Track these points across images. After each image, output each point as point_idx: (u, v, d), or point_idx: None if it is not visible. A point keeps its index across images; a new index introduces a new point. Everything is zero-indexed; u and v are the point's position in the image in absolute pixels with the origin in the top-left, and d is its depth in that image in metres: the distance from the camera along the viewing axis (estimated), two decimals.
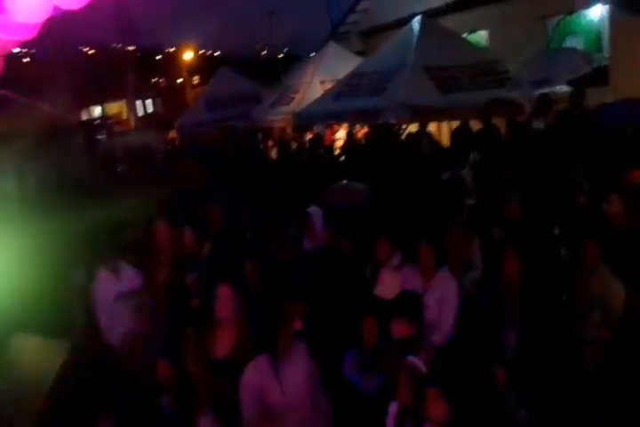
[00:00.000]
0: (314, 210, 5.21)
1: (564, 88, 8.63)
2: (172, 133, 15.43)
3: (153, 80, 40.16)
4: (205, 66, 32.87)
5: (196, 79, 37.12)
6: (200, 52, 38.71)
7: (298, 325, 3.69)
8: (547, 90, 8.27)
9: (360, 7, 15.36)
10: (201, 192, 7.06)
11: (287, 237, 5.09)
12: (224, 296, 3.82)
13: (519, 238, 4.42)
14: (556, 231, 4.92)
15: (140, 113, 32.37)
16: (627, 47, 9.39)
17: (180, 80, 37.22)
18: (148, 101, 34.66)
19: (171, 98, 33.15)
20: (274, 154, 11.00)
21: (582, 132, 6.99)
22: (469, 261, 4.62)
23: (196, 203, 6.34)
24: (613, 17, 9.69)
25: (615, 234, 4.26)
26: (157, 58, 41.41)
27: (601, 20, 10.04)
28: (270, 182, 7.36)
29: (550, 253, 4.61)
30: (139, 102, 33.28)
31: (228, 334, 3.82)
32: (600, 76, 9.62)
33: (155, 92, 36.13)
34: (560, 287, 4.00)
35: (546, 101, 8.04)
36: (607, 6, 9.69)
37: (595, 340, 3.89)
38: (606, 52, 9.99)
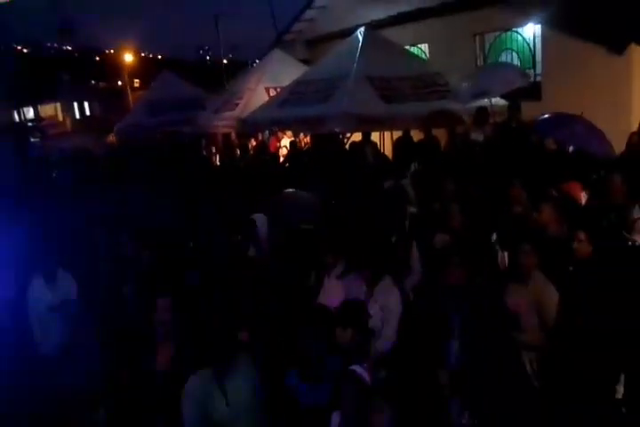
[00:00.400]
0: (258, 217, 5.19)
1: (500, 101, 8.99)
2: (111, 137, 14.99)
3: (92, 82, 39.04)
4: (147, 69, 32.23)
5: (137, 82, 36.28)
6: (142, 55, 37.85)
7: (244, 336, 3.65)
8: (484, 101, 8.60)
9: (305, 16, 15.48)
10: (140, 199, 6.89)
11: (232, 245, 5.04)
12: (164, 308, 3.73)
13: (460, 246, 4.55)
14: (494, 239, 5.09)
15: (78, 115, 31.33)
16: (558, 64, 9.88)
17: (120, 83, 36.31)
18: (86, 104, 33.63)
19: (110, 101, 32.29)
20: (217, 160, 10.87)
21: (519, 143, 7.30)
22: (409, 266, 4.73)
23: (135, 209, 6.19)
24: (545, 35, 10.17)
25: (547, 241, 4.44)
26: (96, 59, 40.30)
27: (534, 37, 10.52)
28: (213, 189, 7.26)
29: (489, 260, 4.76)
30: (76, 104, 32.23)
31: (168, 346, 3.74)
32: (533, 90, 10.07)
33: (93, 95, 35.11)
34: (498, 293, 4.12)
35: (483, 114, 8.36)
36: (540, 25, 10.16)
37: (531, 345, 4.04)
38: (539, 69, 10.45)
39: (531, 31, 10.49)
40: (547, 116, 7.40)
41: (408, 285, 4.58)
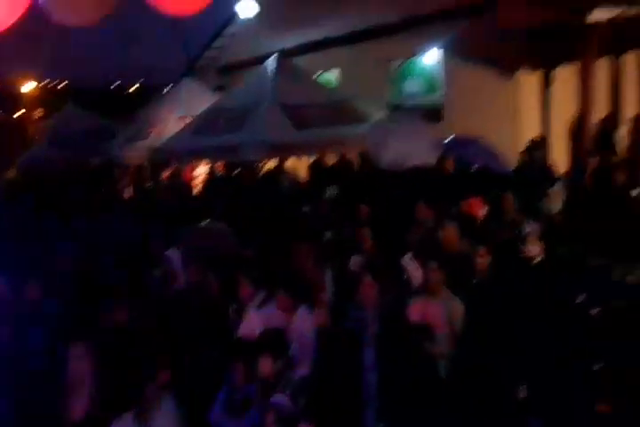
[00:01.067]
0: (171, 253, 5.17)
1: None
2: (11, 174, 14.01)
3: None
4: (50, 98, 30.89)
5: (38, 112, 34.53)
6: (43, 83, 36.22)
7: (165, 376, 3.62)
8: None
9: (217, 44, 15.61)
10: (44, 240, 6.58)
11: (150, 281, 4.99)
12: (78, 356, 3.62)
13: (373, 268, 4.75)
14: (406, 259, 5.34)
15: None
16: (457, 88, 10.55)
17: (19, 113, 34.45)
18: None
19: (8, 133, 30.47)
20: (129, 192, 10.60)
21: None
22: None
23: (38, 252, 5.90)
24: (447, 61, 10.85)
25: (451, 258, 4.75)
26: None
27: (436, 63, 11.18)
28: (125, 223, 7.08)
29: (400, 277, 5.00)
30: None
31: (83, 395, 3.63)
32: (434, 113, 10.69)
33: None
34: (407, 307, 4.34)
35: None
36: (442, 51, 10.82)
37: (442, 355, 4.30)
38: (440, 93, 11.10)
39: (433, 58, 11.14)
40: (445, 140, 8.03)
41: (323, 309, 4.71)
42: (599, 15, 8.18)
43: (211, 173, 10.40)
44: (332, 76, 12.92)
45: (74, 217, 7.61)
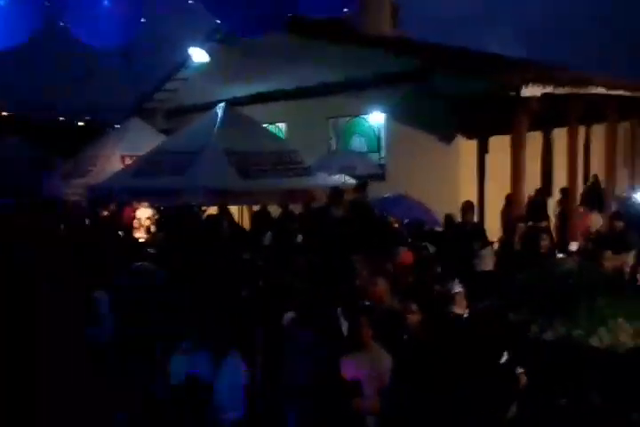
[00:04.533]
0: (100, 294, 5.02)
1: (350, 180, 9.77)
2: None
3: None
4: None
5: None
6: None
7: None
8: (337, 179, 9.45)
9: (168, 86, 15.72)
10: None
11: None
12: None
13: (308, 319, 4.75)
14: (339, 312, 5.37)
15: None
16: (399, 149, 11.00)
17: None
18: None
19: None
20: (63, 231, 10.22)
21: (363, 220, 7.91)
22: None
23: None
24: (388, 123, 11.34)
25: (381, 313, 4.82)
26: None
27: (379, 125, 11.65)
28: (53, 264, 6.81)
29: (333, 332, 5.00)
30: None
31: None
32: (378, 173, 11.05)
33: None
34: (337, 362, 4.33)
35: (338, 192, 8.98)
36: (384, 114, 11.32)
37: (373, 410, 4.28)
38: (383, 153, 11.53)
39: (376, 118, 11.62)
40: (382, 198, 8.44)
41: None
42: (531, 91, 8.86)
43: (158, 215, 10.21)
44: (278, 130, 13.21)
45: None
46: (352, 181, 9.73)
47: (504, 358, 4.18)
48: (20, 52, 4.27)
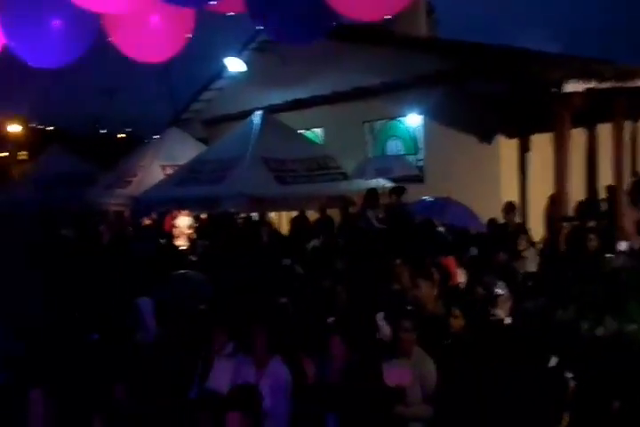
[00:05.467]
0: (143, 301, 5.08)
1: (387, 184, 9.68)
2: None
3: None
4: (35, 141, 30.96)
5: (22, 154, 34.52)
6: (30, 126, 36.22)
7: None
8: (374, 182, 9.33)
9: (204, 97, 15.97)
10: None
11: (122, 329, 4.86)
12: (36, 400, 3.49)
13: (345, 324, 4.70)
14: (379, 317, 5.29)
15: None
16: (437, 150, 10.84)
17: (3, 154, 34.42)
18: None
19: None
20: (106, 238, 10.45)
21: (401, 223, 7.83)
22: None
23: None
24: (426, 125, 11.20)
25: (425, 317, 4.72)
26: None
27: (416, 127, 11.52)
28: (100, 271, 6.96)
29: (371, 336, 4.93)
30: None
31: None
32: (417, 174, 10.92)
33: None
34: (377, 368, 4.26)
35: (374, 195, 8.91)
36: (421, 115, 11.19)
37: (417, 417, 4.19)
38: (421, 155, 11.39)
39: (413, 121, 11.50)
40: (426, 201, 8.13)
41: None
42: (574, 87, 8.60)
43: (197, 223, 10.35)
44: (315, 136, 13.22)
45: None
46: (390, 184, 9.65)
47: (553, 362, 4.05)
48: (59, 69, 4.41)
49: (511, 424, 3.75)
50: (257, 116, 10.35)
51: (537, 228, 9.21)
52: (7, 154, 33.63)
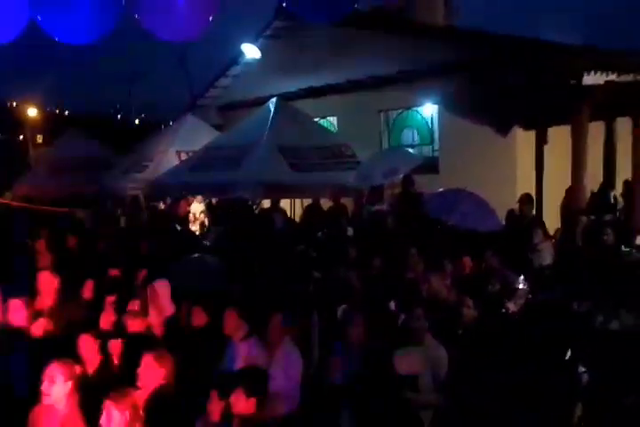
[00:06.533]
0: (160, 283, 5.13)
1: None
2: (8, 195, 14.07)
3: None
4: (52, 125, 31.20)
5: (39, 138, 34.85)
6: (47, 110, 36.48)
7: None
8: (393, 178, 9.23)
9: (220, 83, 15.95)
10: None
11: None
12: None
13: (362, 310, 4.72)
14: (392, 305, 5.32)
15: None
16: (453, 141, 10.77)
17: (21, 137, 34.78)
18: None
19: (8, 156, 30.61)
20: (122, 223, 10.56)
21: (416, 214, 7.79)
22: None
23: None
24: (442, 115, 11.12)
25: (438, 306, 4.74)
26: None
27: (432, 116, 11.45)
28: (119, 253, 7.05)
29: (386, 323, 4.96)
30: None
31: None
32: (431, 165, 10.85)
33: None
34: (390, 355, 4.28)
35: (376, 193, 8.90)
36: (437, 105, 11.11)
37: (428, 404, 4.21)
38: (436, 145, 11.32)
39: (429, 110, 11.42)
40: (437, 195, 7.99)
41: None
42: (593, 79, 8.49)
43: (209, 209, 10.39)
44: (330, 124, 13.18)
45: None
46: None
47: (568, 355, 4.04)
48: (78, 54, 4.41)
49: (522, 417, 3.76)
50: (272, 103, 10.31)
51: (553, 221, 9.15)
52: (24, 137, 33.92)
